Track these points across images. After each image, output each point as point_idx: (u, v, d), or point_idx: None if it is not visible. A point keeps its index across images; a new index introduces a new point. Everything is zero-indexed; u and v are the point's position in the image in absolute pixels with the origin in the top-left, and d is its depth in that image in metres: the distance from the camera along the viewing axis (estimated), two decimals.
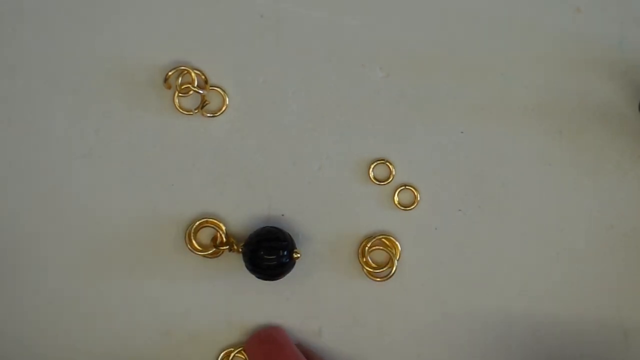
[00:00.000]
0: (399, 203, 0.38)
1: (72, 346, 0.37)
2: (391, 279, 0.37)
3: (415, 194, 0.38)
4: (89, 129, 0.37)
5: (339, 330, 0.38)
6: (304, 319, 0.38)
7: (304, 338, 0.38)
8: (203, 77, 0.37)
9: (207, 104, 0.37)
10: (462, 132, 0.38)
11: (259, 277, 0.37)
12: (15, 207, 0.37)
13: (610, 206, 0.38)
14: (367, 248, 0.37)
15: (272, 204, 0.38)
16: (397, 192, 0.38)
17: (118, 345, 0.38)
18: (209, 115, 0.38)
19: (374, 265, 0.38)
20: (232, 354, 0.37)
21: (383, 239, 0.38)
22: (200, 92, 0.37)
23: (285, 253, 0.36)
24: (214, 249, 0.37)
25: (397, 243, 0.38)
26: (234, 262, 0.37)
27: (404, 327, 0.38)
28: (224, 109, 0.38)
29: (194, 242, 0.37)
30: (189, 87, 0.37)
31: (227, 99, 0.38)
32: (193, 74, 0.37)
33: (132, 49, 0.37)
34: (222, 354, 0.38)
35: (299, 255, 0.36)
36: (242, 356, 0.38)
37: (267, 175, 0.38)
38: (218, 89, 0.38)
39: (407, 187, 0.38)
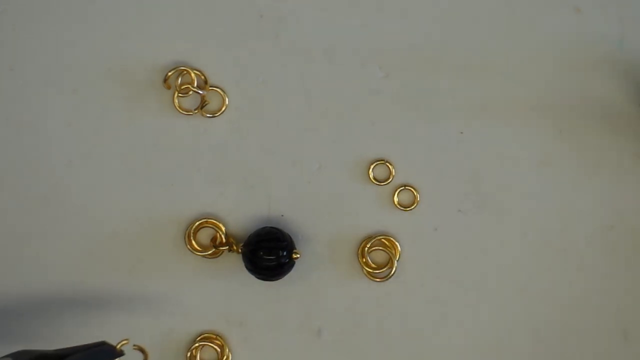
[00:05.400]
0: (398, 203, 0.38)
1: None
2: (391, 279, 0.37)
3: (415, 194, 0.38)
4: (88, 129, 0.37)
5: (339, 330, 0.38)
6: (304, 319, 0.38)
7: (303, 338, 0.38)
8: (203, 77, 0.37)
9: (207, 104, 0.37)
10: (461, 132, 0.38)
11: (258, 278, 0.37)
12: (15, 207, 0.37)
13: (610, 206, 0.38)
14: (367, 248, 0.37)
15: (271, 204, 0.38)
16: (396, 193, 0.38)
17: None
18: (208, 115, 0.38)
19: (373, 265, 0.38)
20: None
21: (383, 239, 0.38)
22: (200, 92, 0.37)
23: (285, 253, 0.36)
24: (214, 249, 0.37)
25: (396, 243, 0.38)
26: (234, 263, 0.37)
27: (404, 327, 0.38)
28: (223, 109, 0.38)
29: (193, 242, 0.37)
30: (188, 87, 0.37)
31: (227, 99, 0.38)
32: (193, 74, 0.37)
33: (132, 49, 0.38)
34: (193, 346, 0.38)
35: (298, 255, 0.36)
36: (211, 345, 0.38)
37: (267, 175, 0.38)
38: (218, 89, 0.38)
39: (406, 187, 0.38)
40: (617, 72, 0.38)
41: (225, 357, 0.38)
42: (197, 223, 0.37)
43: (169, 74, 0.37)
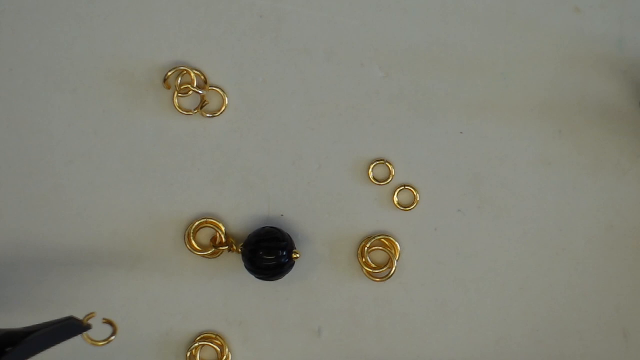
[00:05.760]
0: (398, 203, 0.38)
1: (71, 346, 0.37)
2: (391, 279, 0.37)
3: (415, 194, 0.38)
4: (88, 129, 0.37)
5: (339, 330, 0.38)
6: (304, 319, 0.38)
7: (303, 338, 0.38)
8: (202, 77, 0.37)
9: (206, 104, 0.37)
10: (461, 133, 0.38)
11: (258, 278, 0.37)
12: (14, 207, 0.37)
13: (610, 206, 0.38)
14: (366, 248, 0.37)
15: (271, 204, 0.38)
16: (396, 193, 0.38)
17: (118, 345, 0.37)
18: (208, 115, 0.38)
19: (373, 265, 0.38)
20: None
21: (382, 239, 0.38)
22: (200, 92, 0.37)
23: (285, 253, 0.36)
24: (214, 249, 0.37)
25: (396, 243, 0.38)
26: (234, 263, 0.37)
27: (404, 327, 0.38)
28: (223, 109, 0.38)
29: (193, 242, 0.37)
30: (188, 87, 0.37)
31: (226, 99, 0.38)
32: (192, 74, 0.37)
33: (131, 49, 0.37)
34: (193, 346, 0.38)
35: (298, 255, 0.36)
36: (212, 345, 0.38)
37: (267, 175, 0.38)
38: (218, 89, 0.38)
39: (406, 187, 0.38)
40: (617, 72, 0.38)
41: (225, 357, 0.38)
42: (197, 223, 0.37)
43: (169, 74, 0.37)
